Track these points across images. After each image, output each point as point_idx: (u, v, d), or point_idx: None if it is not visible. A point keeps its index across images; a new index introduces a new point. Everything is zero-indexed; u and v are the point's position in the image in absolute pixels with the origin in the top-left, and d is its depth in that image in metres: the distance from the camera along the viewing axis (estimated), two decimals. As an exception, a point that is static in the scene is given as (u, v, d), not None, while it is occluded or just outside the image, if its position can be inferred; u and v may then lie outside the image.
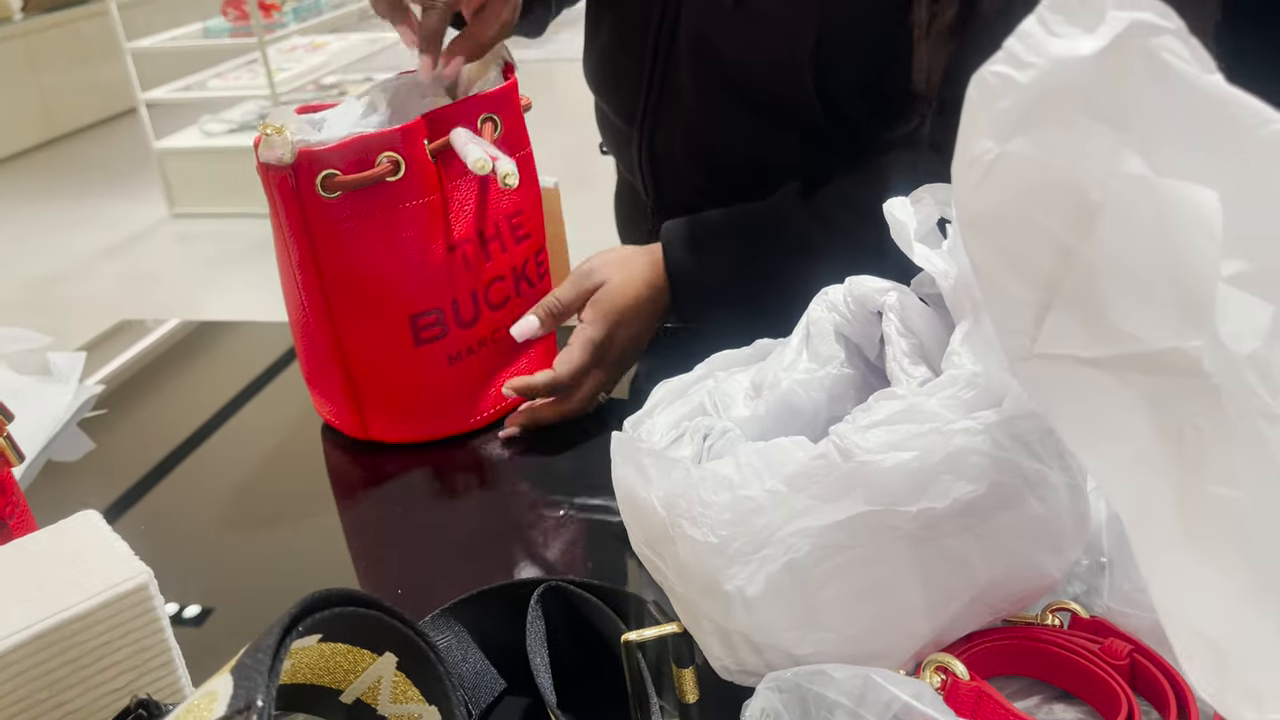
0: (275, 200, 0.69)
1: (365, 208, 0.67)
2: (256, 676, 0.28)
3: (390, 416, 0.74)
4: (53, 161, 5.06)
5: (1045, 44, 0.30)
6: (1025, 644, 0.47)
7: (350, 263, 0.68)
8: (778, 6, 0.75)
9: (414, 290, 0.69)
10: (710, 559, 0.42)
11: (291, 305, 0.74)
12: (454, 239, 0.70)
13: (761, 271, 0.77)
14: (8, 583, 0.48)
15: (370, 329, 0.70)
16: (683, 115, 0.84)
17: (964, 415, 0.41)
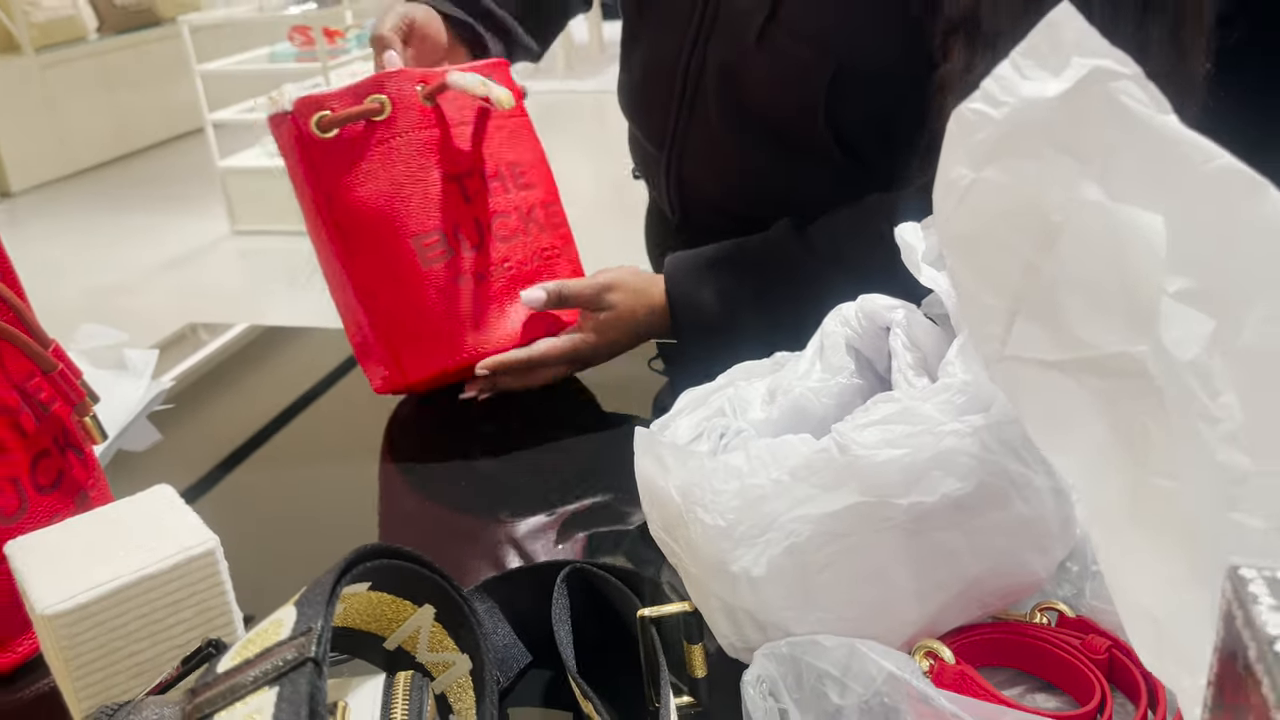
0: (287, 150, 0.78)
1: (361, 144, 0.76)
2: (315, 606, 0.33)
3: (416, 345, 0.78)
4: (122, 177, 5.25)
5: (1017, 85, 0.35)
6: (1012, 638, 0.50)
7: (355, 194, 0.76)
8: (795, 46, 0.80)
9: (413, 215, 0.77)
10: (719, 541, 0.46)
11: (320, 254, 0.82)
12: (453, 171, 0.79)
13: (758, 305, 0.83)
14: (91, 544, 0.53)
15: (381, 253, 0.77)
16: (709, 142, 0.89)
17: (954, 418, 0.45)
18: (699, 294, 0.84)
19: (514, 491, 0.74)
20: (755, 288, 0.83)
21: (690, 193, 0.94)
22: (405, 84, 0.78)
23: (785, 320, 0.81)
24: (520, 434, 0.81)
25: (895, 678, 0.40)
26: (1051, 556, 0.49)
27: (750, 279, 0.84)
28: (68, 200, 4.88)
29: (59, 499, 0.59)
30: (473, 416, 0.84)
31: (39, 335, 0.58)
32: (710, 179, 0.91)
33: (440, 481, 0.77)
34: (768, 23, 0.80)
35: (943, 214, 0.36)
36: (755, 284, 0.83)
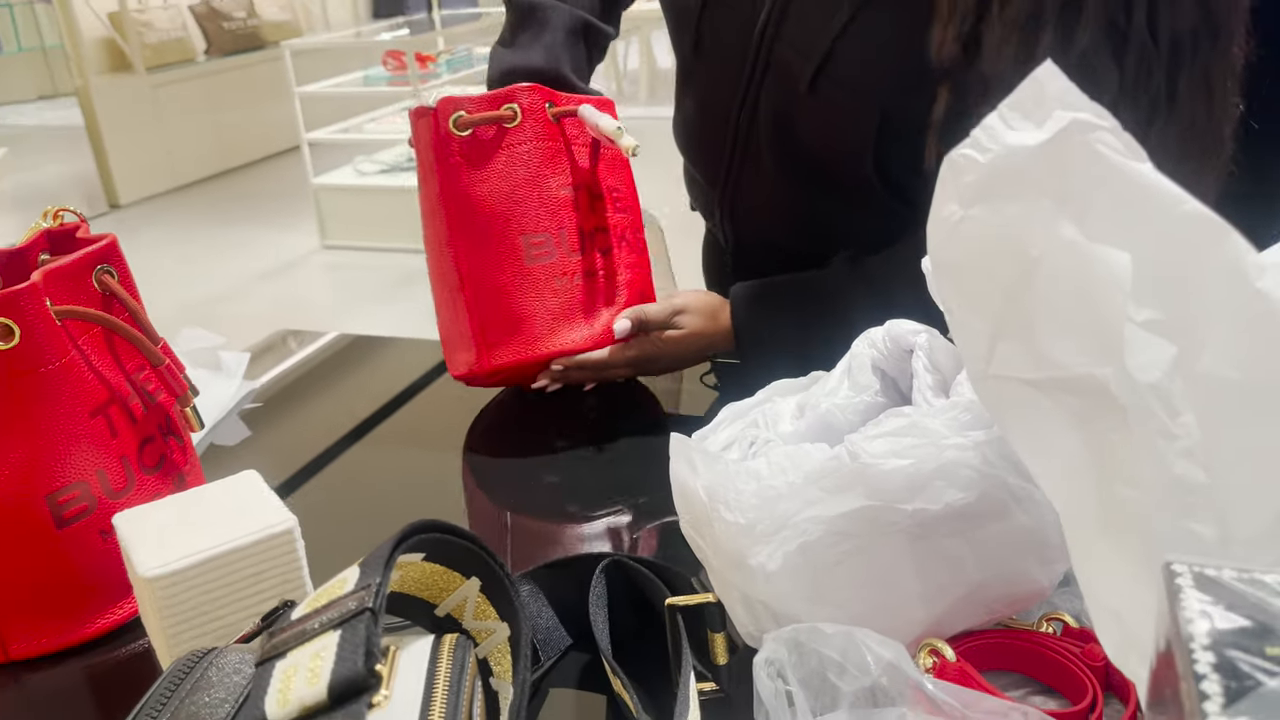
0: (423, 142, 0.87)
1: (490, 145, 0.85)
2: (375, 567, 0.39)
3: (507, 334, 0.86)
4: (223, 191, 5.50)
5: (1003, 134, 0.39)
6: (1015, 643, 0.54)
7: (477, 190, 0.85)
8: (844, 96, 0.84)
9: (526, 215, 0.85)
10: (739, 538, 0.51)
11: (432, 241, 0.90)
12: (566, 183, 0.87)
13: (816, 334, 0.87)
14: (187, 519, 0.60)
15: (491, 246, 0.85)
16: (761, 182, 0.94)
17: (957, 433, 0.49)
18: (761, 324, 0.90)
19: (571, 492, 0.80)
20: (814, 320, 0.89)
21: (744, 226, 0.99)
22: (537, 99, 0.87)
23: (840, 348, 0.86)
24: (583, 443, 0.87)
25: (893, 666, 0.44)
26: (1054, 568, 0.53)
27: (810, 312, 0.89)
28: (172, 212, 5.13)
29: (160, 479, 0.66)
30: (543, 427, 0.91)
31: (150, 333, 0.65)
32: (763, 216, 0.96)
33: (508, 483, 0.83)
34: (818, 74, 0.84)
35: (935, 246, 0.41)
36: (814, 317, 0.89)
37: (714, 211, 1.01)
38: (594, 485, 0.80)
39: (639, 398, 0.96)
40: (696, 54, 0.96)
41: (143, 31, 5.41)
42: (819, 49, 0.84)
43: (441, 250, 0.88)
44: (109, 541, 0.63)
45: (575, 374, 0.91)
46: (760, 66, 0.90)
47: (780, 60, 0.88)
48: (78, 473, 0.61)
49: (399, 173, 4.29)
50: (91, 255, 0.64)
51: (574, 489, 0.81)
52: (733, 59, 0.92)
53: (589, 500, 0.78)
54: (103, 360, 0.63)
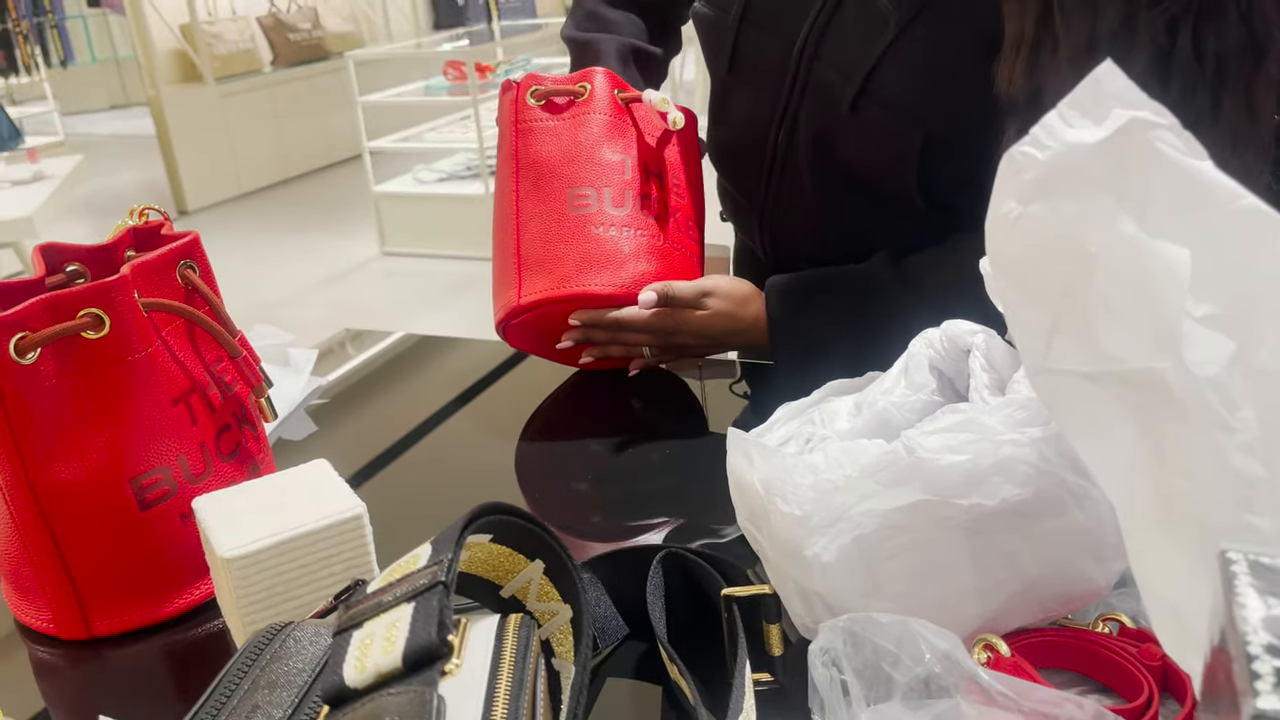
0: (506, 110, 0.97)
1: (559, 112, 0.95)
2: (447, 544, 0.40)
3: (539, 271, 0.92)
4: (285, 199, 5.63)
5: (1062, 132, 0.40)
6: (1070, 642, 0.54)
7: (540, 147, 0.94)
8: (886, 116, 0.84)
9: (576, 172, 0.93)
10: (795, 529, 0.52)
11: (502, 195, 0.97)
12: (624, 152, 0.94)
13: (850, 330, 0.89)
14: (261, 504, 0.63)
15: (542, 197, 0.93)
16: (801, 200, 0.95)
17: (1013, 430, 0.49)
18: (796, 319, 0.90)
19: (625, 487, 0.81)
20: (851, 318, 0.89)
21: (783, 241, 0.99)
22: (607, 82, 0.96)
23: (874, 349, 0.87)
24: (635, 443, 0.88)
25: (948, 656, 0.45)
26: (1110, 567, 0.53)
27: (846, 305, 0.90)
28: (237, 218, 5.26)
29: (235, 467, 0.69)
30: (597, 427, 0.93)
31: (229, 326, 0.68)
32: (802, 232, 0.97)
33: (562, 477, 0.84)
34: (859, 95, 0.85)
35: (994, 242, 0.42)
36: (851, 315, 0.89)
37: (752, 227, 1.02)
38: (645, 482, 0.82)
39: (682, 402, 0.98)
40: (731, 73, 0.97)
41: (212, 43, 5.56)
42: (860, 70, 0.84)
43: (505, 202, 0.96)
44: (188, 525, 0.65)
45: (596, 333, 0.93)
46: (799, 86, 0.90)
47: (819, 80, 0.88)
48: (160, 458, 0.64)
49: (457, 181, 4.36)
50: (175, 251, 0.67)
51: (628, 484, 0.82)
52: (770, 78, 0.92)
53: (641, 496, 0.80)
54: (184, 351, 0.66)
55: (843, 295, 0.91)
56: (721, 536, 0.72)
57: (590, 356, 0.96)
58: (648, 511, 0.77)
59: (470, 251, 4.21)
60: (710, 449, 0.87)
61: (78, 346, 0.60)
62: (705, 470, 0.83)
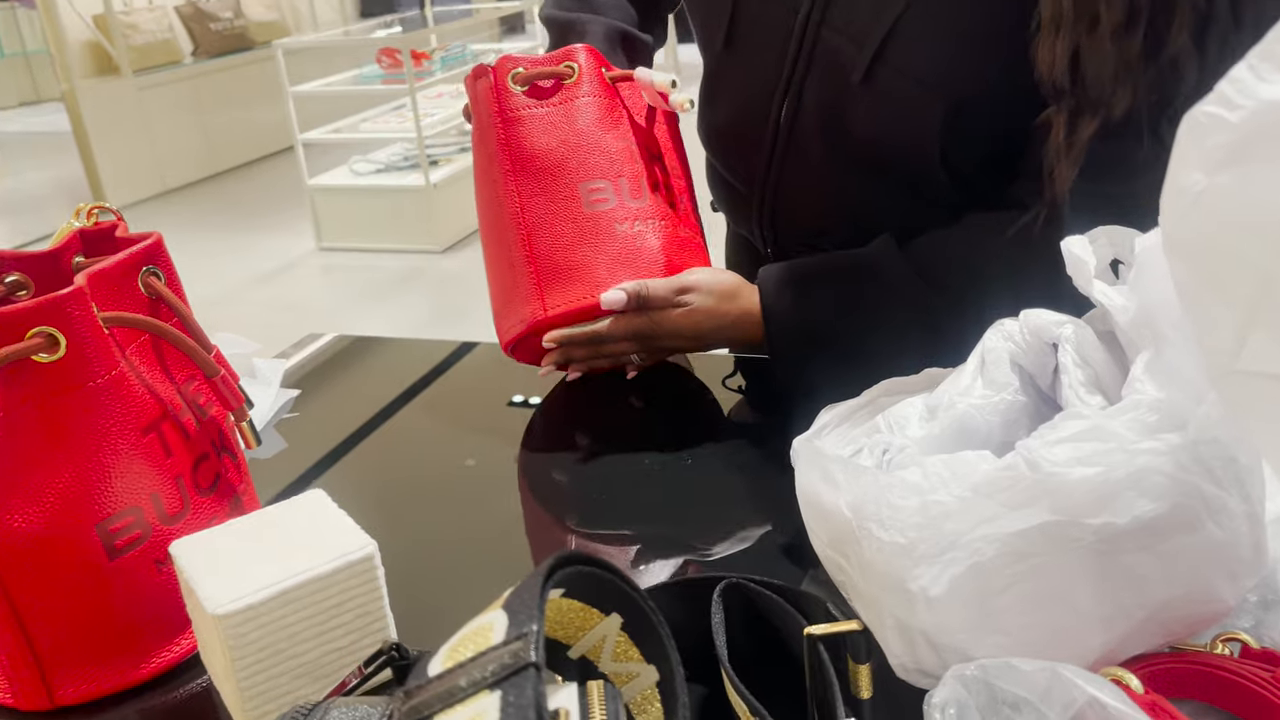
0: (485, 100, 0.87)
1: (550, 101, 0.86)
2: (528, 610, 0.33)
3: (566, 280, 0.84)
4: (213, 195, 5.42)
5: (1255, 87, 0.33)
6: (1195, 668, 0.48)
7: (536, 139, 0.85)
8: (905, 84, 0.78)
9: (583, 164, 0.85)
10: (897, 559, 0.45)
11: (488, 200, 0.89)
12: (624, 136, 0.87)
13: (853, 321, 0.83)
14: (255, 547, 0.54)
15: (550, 195, 0.85)
16: (808, 180, 0.88)
17: (1148, 437, 0.43)
18: (793, 309, 0.84)
19: (633, 502, 0.74)
20: (853, 306, 0.83)
21: (785, 227, 0.92)
22: (594, 60, 0.88)
23: (879, 340, 0.83)
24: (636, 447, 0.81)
25: (1098, 703, 0.39)
26: (1240, 584, 0.47)
27: (847, 292, 0.83)
28: (162, 217, 5.05)
29: (216, 501, 0.60)
30: (576, 428, 0.86)
31: (203, 341, 0.59)
32: (809, 215, 0.90)
33: (551, 484, 0.77)
34: (874, 62, 0.78)
35: (1170, 221, 0.35)
36: (853, 302, 0.83)
37: (750, 214, 0.95)
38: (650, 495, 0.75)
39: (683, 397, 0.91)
40: (729, 48, 0.90)
41: (128, 34, 5.32)
42: (875, 34, 0.78)
43: (500, 206, 0.87)
44: (164, 572, 0.57)
45: (576, 351, 0.87)
46: (804, 57, 0.83)
47: (827, 48, 0.82)
48: (130, 497, 0.55)
49: (395, 172, 4.22)
50: (137, 256, 0.57)
51: (633, 500, 0.75)
52: (772, 50, 0.86)
53: (654, 513, 0.72)
54: (153, 371, 0.57)
55: (843, 281, 0.85)
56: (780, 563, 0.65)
57: (577, 374, 0.91)
58: (668, 531, 0.70)
59: (411, 245, 4.08)
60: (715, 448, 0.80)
61: (29, 372, 0.51)
62: (718, 477, 0.76)
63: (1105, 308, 0.52)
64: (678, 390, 0.92)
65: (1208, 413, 0.44)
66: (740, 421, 0.87)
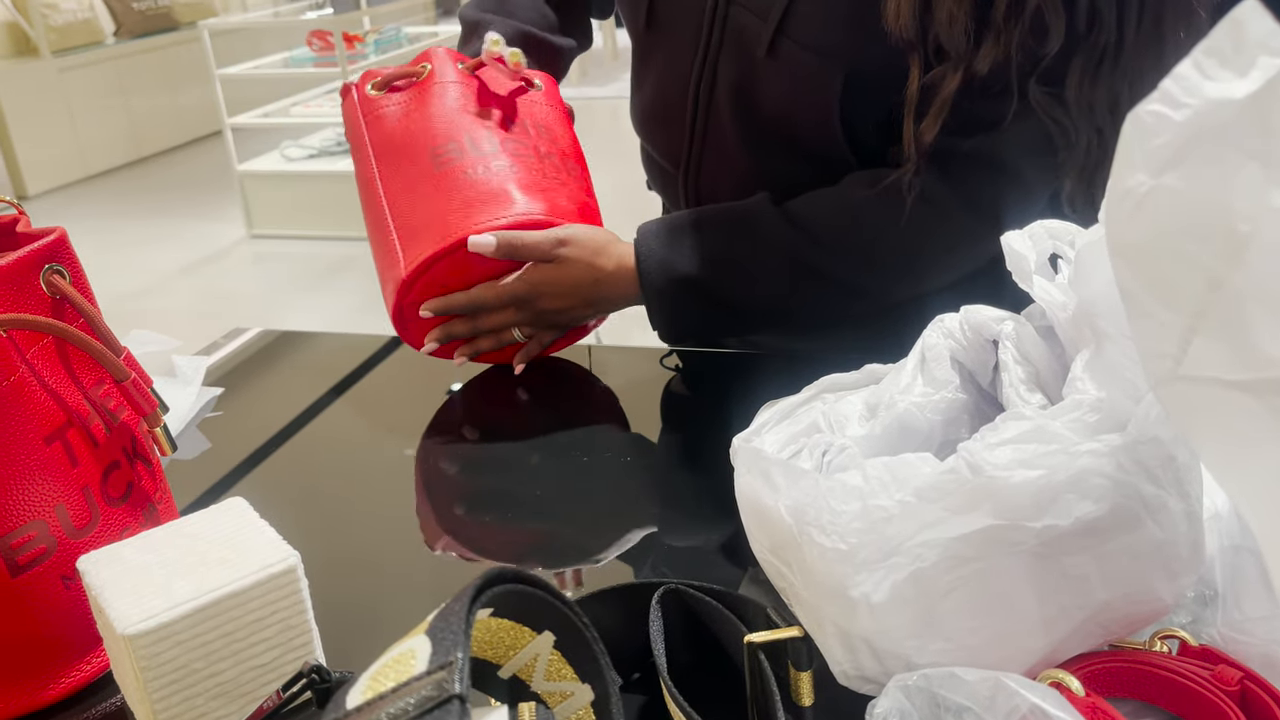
0: (351, 113, 0.91)
1: (404, 92, 0.90)
2: (453, 636, 0.31)
3: (423, 232, 0.84)
4: (138, 180, 5.25)
5: (1200, 85, 0.33)
6: (1135, 667, 0.48)
7: (389, 124, 0.88)
8: (805, 55, 0.80)
9: (433, 132, 0.86)
10: (839, 565, 0.44)
11: (367, 197, 0.89)
12: (481, 109, 0.88)
13: (729, 271, 0.84)
14: (169, 560, 0.51)
15: (405, 168, 0.86)
16: (725, 157, 0.90)
17: (1089, 438, 0.42)
18: (663, 255, 0.85)
19: (561, 505, 0.72)
20: (726, 254, 0.84)
21: (708, 203, 0.93)
22: (447, 56, 0.91)
23: (759, 291, 0.85)
24: (563, 444, 0.79)
25: (1040, 711, 0.38)
26: (1180, 582, 0.47)
27: (721, 244, 0.85)
28: (84, 204, 4.88)
29: (128, 512, 0.57)
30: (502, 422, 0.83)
31: (112, 343, 0.56)
32: (729, 192, 0.90)
33: (479, 485, 0.74)
34: (777, 35, 0.80)
35: (1114, 223, 0.34)
36: (725, 249, 0.84)
37: (678, 193, 0.96)
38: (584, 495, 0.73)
39: (584, 380, 0.90)
40: (650, 28, 0.92)
41: (47, 13, 5.12)
42: (777, 8, 0.80)
43: (370, 190, 0.89)
44: (72, 588, 0.53)
45: (455, 325, 0.86)
46: (716, 34, 0.85)
47: (736, 25, 0.84)
48: (33, 510, 0.52)
49: (328, 157, 4.13)
50: (38, 253, 0.54)
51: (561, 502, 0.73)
52: (688, 29, 0.87)
53: (586, 515, 0.71)
54: (56, 376, 0.54)
55: (715, 231, 0.86)
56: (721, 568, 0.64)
57: (461, 357, 0.88)
58: (605, 533, 0.68)
59: (345, 231, 4.00)
60: (654, 444, 0.79)
61: (-84, 380, 0.47)
62: (657, 475, 0.74)
63: (1044, 305, 0.51)
64: (618, 381, 0.91)
65: (1147, 412, 0.43)
66: (679, 417, 0.86)
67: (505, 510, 0.72)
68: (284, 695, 0.40)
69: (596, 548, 0.66)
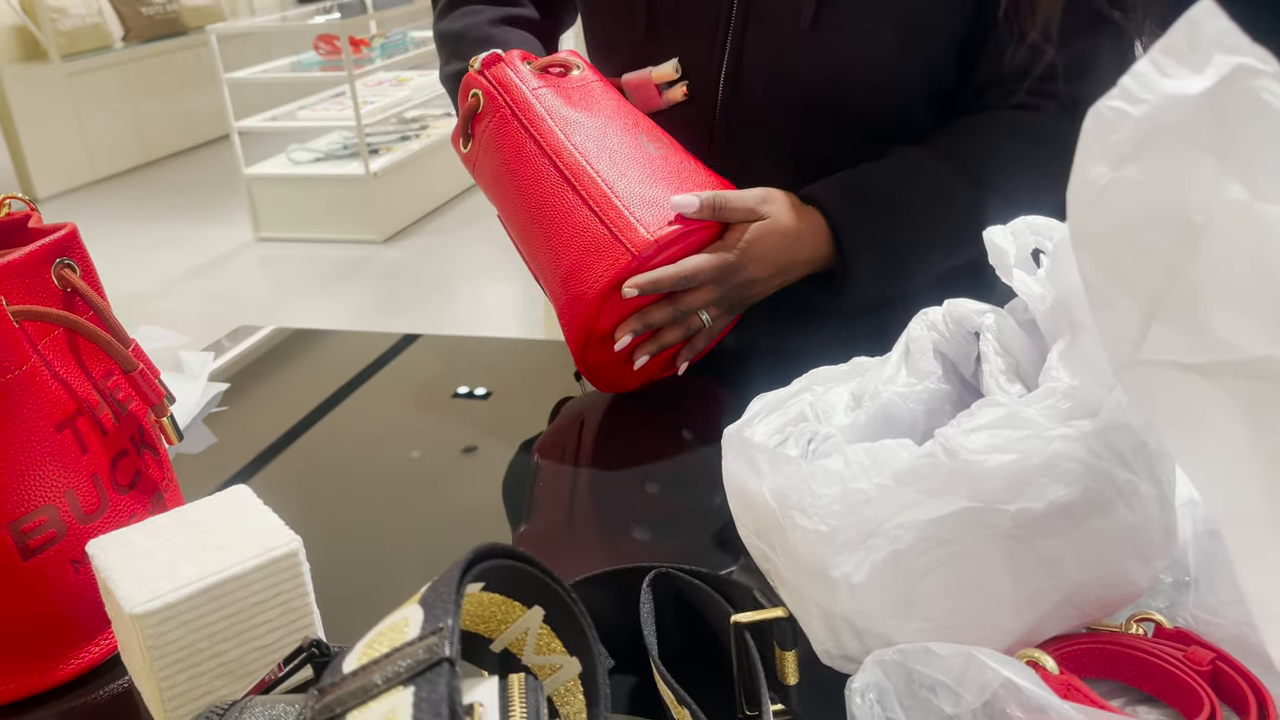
0: (504, 83, 0.85)
1: (580, 79, 0.87)
2: (443, 605, 0.32)
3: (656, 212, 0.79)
4: (146, 184, 5.29)
5: (1157, 82, 0.34)
6: (1110, 648, 0.50)
7: (573, 106, 0.84)
8: (853, 20, 0.79)
9: (642, 123, 0.85)
10: (820, 547, 0.45)
11: (526, 171, 0.82)
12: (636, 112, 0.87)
13: (918, 222, 0.82)
14: (174, 544, 0.53)
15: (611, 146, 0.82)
16: (759, 149, 0.87)
17: (1061, 423, 0.44)
18: (860, 213, 0.81)
19: (573, 494, 0.74)
20: (913, 206, 0.82)
21: None
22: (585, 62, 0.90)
23: (939, 243, 0.83)
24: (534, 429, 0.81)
25: (1012, 685, 0.39)
26: (1152, 566, 0.48)
27: (905, 194, 0.82)
28: (93, 206, 4.91)
29: (136, 499, 0.59)
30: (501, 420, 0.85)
31: (120, 335, 0.57)
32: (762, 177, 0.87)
33: (489, 482, 0.76)
34: (821, 6, 0.79)
35: (1076, 214, 0.36)
36: (910, 200, 0.82)
37: None
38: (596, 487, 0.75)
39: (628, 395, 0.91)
40: (651, 29, 0.89)
41: (56, 18, 5.16)
42: None
43: (550, 172, 0.81)
44: (81, 572, 0.55)
45: (655, 311, 0.78)
46: (739, 18, 0.84)
47: (764, 4, 0.82)
48: (44, 495, 0.53)
49: (335, 161, 4.16)
50: (50, 247, 0.56)
51: (573, 492, 0.75)
52: (702, 21, 0.85)
53: (597, 504, 0.72)
54: (67, 367, 0.56)
55: (894, 182, 0.83)
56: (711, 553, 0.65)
57: (644, 354, 0.80)
58: (611, 522, 0.70)
59: (351, 235, 4.02)
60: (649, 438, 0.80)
61: (-67, 368, 0.49)
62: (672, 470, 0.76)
63: (1025, 297, 0.53)
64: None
65: (1119, 399, 0.45)
66: (674, 411, 0.87)
67: (504, 502, 0.74)
68: (284, 669, 0.42)
69: (591, 536, 0.68)
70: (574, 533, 0.69)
